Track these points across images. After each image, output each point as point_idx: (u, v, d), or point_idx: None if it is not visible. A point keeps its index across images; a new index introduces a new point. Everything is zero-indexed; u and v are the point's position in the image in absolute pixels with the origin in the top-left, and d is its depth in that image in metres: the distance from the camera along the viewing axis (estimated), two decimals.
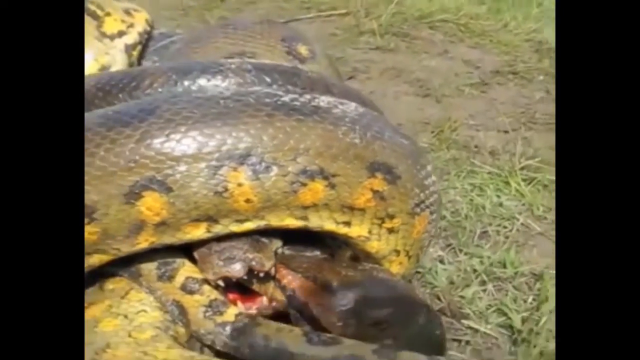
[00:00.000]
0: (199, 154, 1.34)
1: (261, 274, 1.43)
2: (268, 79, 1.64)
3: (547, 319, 1.60)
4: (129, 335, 1.40)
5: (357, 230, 1.46)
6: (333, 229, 1.46)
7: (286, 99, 1.42)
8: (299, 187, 1.36)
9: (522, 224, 1.98)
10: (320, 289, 1.42)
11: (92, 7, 2.27)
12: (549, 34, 4.22)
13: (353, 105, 1.50)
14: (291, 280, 1.45)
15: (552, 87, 3.27)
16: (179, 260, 1.51)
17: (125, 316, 1.44)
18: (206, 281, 1.46)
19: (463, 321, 1.63)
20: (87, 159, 1.32)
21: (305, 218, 1.43)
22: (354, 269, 1.48)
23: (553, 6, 5.10)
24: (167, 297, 1.46)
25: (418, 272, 1.74)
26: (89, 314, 1.46)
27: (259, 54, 2.03)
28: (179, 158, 1.34)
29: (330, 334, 1.35)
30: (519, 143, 2.51)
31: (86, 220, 1.35)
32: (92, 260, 1.45)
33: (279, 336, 1.34)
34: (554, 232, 1.98)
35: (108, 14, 2.25)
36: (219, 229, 1.42)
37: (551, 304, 1.65)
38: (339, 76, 2.30)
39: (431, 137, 2.51)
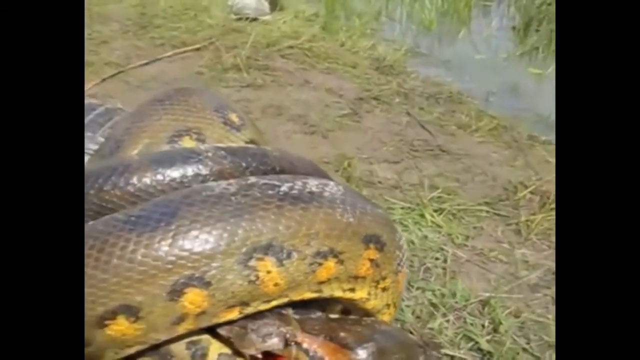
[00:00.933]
0: (229, 249, 1.53)
1: (293, 343, 1.67)
2: (243, 164, 1.84)
3: (508, 339, 1.97)
4: None
5: (359, 294, 1.72)
6: (341, 295, 1.72)
7: (285, 188, 1.63)
8: (316, 267, 1.60)
9: (452, 254, 2.34)
10: (339, 347, 1.69)
11: None
12: (383, 51, 4.66)
13: (333, 185, 1.75)
14: (311, 342, 1.69)
15: (411, 109, 3.69)
16: (204, 338, 1.68)
17: None
18: (237, 354, 1.68)
19: (439, 350, 1.95)
20: (127, 264, 1.48)
21: (319, 291, 1.68)
22: (360, 324, 1.75)
23: (373, 20, 5.59)
24: None
25: None
26: None
27: (202, 128, 2.15)
28: (213, 255, 1.53)
29: None
30: (414, 173, 2.89)
31: (132, 319, 1.52)
32: (131, 351, 1.63)
33: None
34: (478, 258, 2.36)
35: None
36: (249, 310, 1.63)
37: (505, 325, 2.02)
38: (261, 134, 2.50)
39: (339, 177, 2.80)
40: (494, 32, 5.79)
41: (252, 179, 1.67)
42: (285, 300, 1.63)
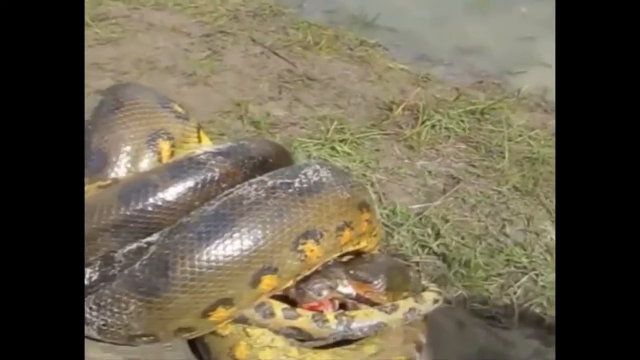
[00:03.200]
0: (283, 242, 2.07)
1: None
2: (239, 163, 2.28)
3: (450, 240, 2.76)
4: (285, 355, 2.16)
5: (362, 244, 2.35)
6: (351, 249, 2.32)
7: (297, 184, 2.15)
8: (339, 238, 2.21)
9: (375, 179, 3.05)
10: (362, 283, 2.37)
11: None
12: None
13: (319, 168, 2.24)
14: (346, 284, 2.36)
15: (252, 34, 4.20)
16: (266, 300, 2.18)
17: (269, 346, 2.17)
18: (293, 305, 2.22)
19: (409, 260, 2.68)
20: (216, 271, 1.99)
21: (341, 250, 2.27)
22: (366, 262, 2.40)
23: None
24: (278, 327, 2.19)
25: None
26: (238, 355, 2.15)
27: (166, 127, 2.45)
28: (273, 249, 2.07)
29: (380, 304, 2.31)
30: (300, 107, 3.52)
31: (228, 307, 2.06)
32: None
33: (371, 315, 2.27)
34: (393, 177, 3.06)
35: None
36: (299, 278, 2.19)
37: (443, 230, 2.80)
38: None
39: (247, 124, 3.36)
40: None
41: (268, 181, 2.16)
42: (321, 264, 2.25)
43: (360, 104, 3.55)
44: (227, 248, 2.02)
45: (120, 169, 2.39)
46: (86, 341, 2.21)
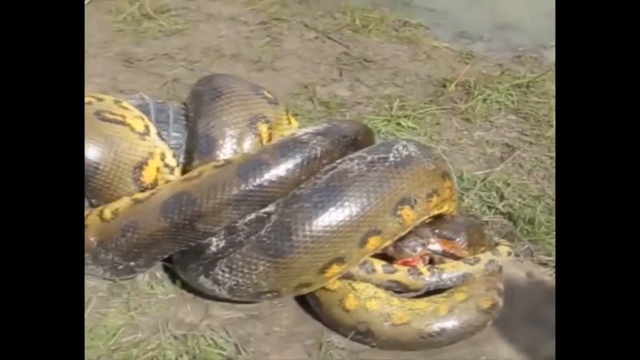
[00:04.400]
0: (385, 208, 2.48)
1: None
2: (336, 142, 2.63)
3: (514, 201, 3.16)
4: (388, 304, 2.54)
5: (445, 209, 2.74)
6: (436, 213, 2.71)
7: (392, 158, 2.54)
8: (429, 203, 2.61)
9: (440, 148, 3.43)
10: (446, 240, 2.77)
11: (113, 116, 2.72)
12: None
13: (406, 143, 2.64)
14: (434, 242, 2.75)
15: (302, 19, 4.53)
16: (368, 259, 2.58)
17: (374, 297, 2.55)
18: (390, 262, 2.62)
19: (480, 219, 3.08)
20: (330, 234, 2.39)
21: (429, 214, 2.66)
22: (447, 222, 2.80)
23: None
24: (379, 281, 2.59)
25: None
26: (348, 306, 2.54)
27: (262, 112, 2.82)
28: (377, 214, 2.47)
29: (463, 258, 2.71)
30: (362, 87, 3.89)
31: (340, 264, 2.46)
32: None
33: (458, 267, 2.66)
34: (455, 147, 3.40)
35: (124, 117, 2.72)
36: (396, 238, 2.58)
37: (506, 193, 3.19)
38: None
39: (318, 105, 3.74)
40: None
41: (367, 156, 2.55)
42: (413, 226, 2.63)
43: (415, 82, 3.92)
44: (340, 214, 2.41)
45: (227, 151, 2.74)
46: (209, 302, 2.62)
